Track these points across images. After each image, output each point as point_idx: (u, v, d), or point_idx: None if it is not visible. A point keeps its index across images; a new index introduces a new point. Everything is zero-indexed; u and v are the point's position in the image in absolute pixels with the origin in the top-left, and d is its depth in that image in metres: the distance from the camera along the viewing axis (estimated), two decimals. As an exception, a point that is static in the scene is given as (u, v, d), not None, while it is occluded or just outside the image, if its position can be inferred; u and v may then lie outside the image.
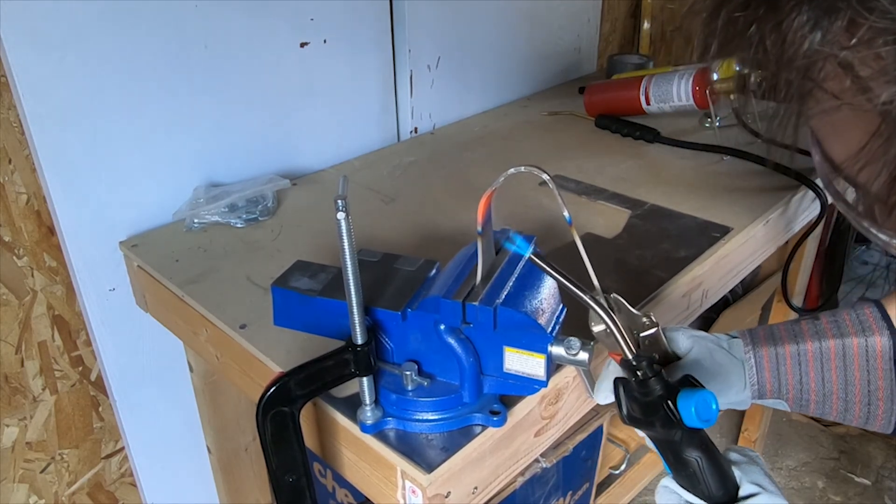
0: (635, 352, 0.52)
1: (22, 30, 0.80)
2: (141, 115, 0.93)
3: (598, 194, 1.01)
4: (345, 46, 1.13)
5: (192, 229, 0.96)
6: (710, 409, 0.50)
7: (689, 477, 0.54)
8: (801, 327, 0.62)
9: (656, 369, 0.52)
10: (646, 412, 0.53)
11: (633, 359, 0.52)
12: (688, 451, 0.53)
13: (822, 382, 0.60)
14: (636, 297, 0.78)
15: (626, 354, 0.52)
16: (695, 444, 0.53)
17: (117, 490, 1.15)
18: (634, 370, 0.52)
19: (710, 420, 0.50)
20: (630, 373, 0.53)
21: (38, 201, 0.93)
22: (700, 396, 0.50)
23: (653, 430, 0.54)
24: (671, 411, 0.51)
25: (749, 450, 0.58)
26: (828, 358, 0.60)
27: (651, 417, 0.53)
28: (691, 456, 0.53)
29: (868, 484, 1.71)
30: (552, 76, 1.55)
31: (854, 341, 0.59)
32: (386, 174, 1.13)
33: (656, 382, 0.52)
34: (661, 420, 0.52)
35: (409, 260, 0.70)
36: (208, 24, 0.95)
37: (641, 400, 0.53)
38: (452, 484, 0.60)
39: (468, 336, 0.60)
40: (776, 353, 0.61)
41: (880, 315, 0.59)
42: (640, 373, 0.52)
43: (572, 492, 1.11)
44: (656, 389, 0.52)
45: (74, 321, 1.01)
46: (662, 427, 0.52)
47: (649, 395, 0.52)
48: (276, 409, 0.59)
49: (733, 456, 0.57)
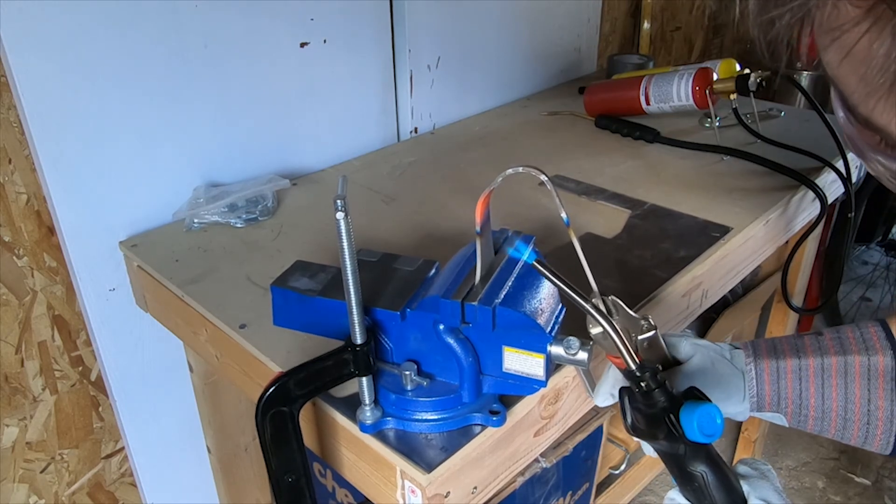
0: (639, 362, 0.51)
1: (22, 30, 0.80)
2: (141, 115, 0.93)
3: (598, 194, 1.01)
4: (345, 46, 1.13)
5: (192, 229, 0.96)
6: (714, 423, 0.49)
7: (695, 491, 0.53)
8: (804, 342, 0.61)
9: (660, 380, 0.51)
10: (650, 424, 0.52)
11: (637, 369, 0.51)
12: (693, 464, 0.52)
13: (822, 398, 0.59)
14: (636, 297, 0.78)
15: (629, 365, 0.51)
16: (700, 458, 0.52)
17: (117, 490, 1.16)
18: (638, 381, 0.51)
19: (713, 435, 0.49)
20: (633, 383, 0.52)
21: (38, 201, 0.93)
22: (704, 410, 0.49)
23: (657, 442, 0.53)
24: (673, 425, 0.50)
25: (761, 462, 0.57)
26: (829, 374, 0.59)
27: (655, 430, 0.52)
28: (696, 470, 0.52)
29: (868, 484, 1.71)
30: (552, 76, 1.55)
31: (857, 359, 0.58)
32: (386, 174, 1.13)
33: (660, 394, 0.51)
34: (665, 433, 0.51)
35: (409, 260, 0.70)
36: (208, 24, 0.95)
37: (646, 412, 0.52)
38: (452, 484, 0.60)
39: (467, 336, 0.60)
40: (777, 366, 0.61)
41: (885, 334, 0.59)
42: (643, 384, 0.51)
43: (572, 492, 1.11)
44: (660, 401, 0.51)
45: (74, 321, 1.01)
46: (666, 440, 0.51)
47: (652, 406, 0.51)
48: (276, 409, 0.59)
49: (742, 469, 0.56)
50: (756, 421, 1.67)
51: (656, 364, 0.59)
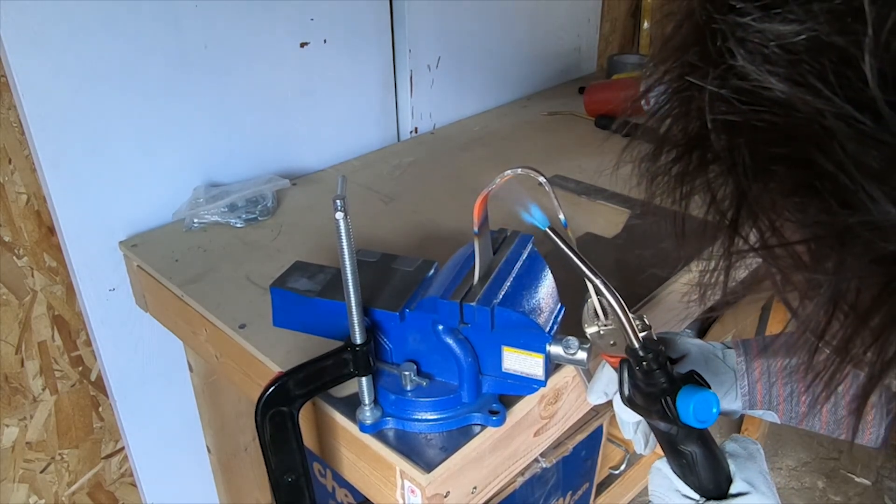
0: (642, 341, 0.51)
1: (22, 30, 0.80)
2: (141, 115, 0.93)
3: (598, 194, 1.01)
4: (345, 46, 1.13)
5: (191, 229, 0.96)
6: (710, 411, 0.49)
7: (682, 466, 0.53)
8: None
9: (661, 361, 0.51)
10: (646, 402, 0.52)
11: (640, 348, 0.51)
12: (684, 444, 0.52)
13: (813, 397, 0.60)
14: (635, 296, 0.78)
15: (632, 343, 0.51)
16: (692, 439, 0.52)
17: (117, 490, 1.16)
18: (640, 360, 0.51)
19: (706, 422, 0.49)
20: (635, 361, 0.52)
21: (38, 201, 0.93)
22: (701, 397, 0.49)
23: (651, 418, 0.53)
24: (668, 408, 0.50)
25: (751, 441, 0.57)
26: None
27: (650, 408, 0.52)
28: (687, 449, 0.52)
29: (868, 484, 1.71)
30: (552, 76, 1.55)
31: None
32: (386, 174, 1.13)
33: (661, 375, 0.51)
34: (660, 413, 0.51)
35: (408, 260, 0.70)
36: (208, 24, 0.95)
37: (644, 390, 0.52)
38: (451, 483, 0.60)
39: (466, 336, 0.60)
40: (768, 365, 0.61)
41: None
42: (644, 364, 0.51)
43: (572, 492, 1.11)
44: (660, 382, 0.51)
45: (74, 321, 1.01)
46: (661, 419, 0.52)
47: (652, 386, 0.51)
48: (276, 409, 0.59)
49: (731, 447, 0.56)
50: (756, 421, 1.67)
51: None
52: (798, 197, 0.26)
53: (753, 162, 0.27)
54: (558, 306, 0.65)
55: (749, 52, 0.25)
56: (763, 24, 0.25)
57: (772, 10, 0.25)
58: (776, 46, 0.24)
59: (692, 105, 0.29)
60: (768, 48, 0.25)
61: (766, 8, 0.25)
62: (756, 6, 0.25)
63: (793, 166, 0.26)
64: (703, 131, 0.28)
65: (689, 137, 0.30)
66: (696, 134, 0.29)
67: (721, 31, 0.26)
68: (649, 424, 0.56)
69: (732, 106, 0.26)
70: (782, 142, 0.26)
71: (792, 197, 0.26)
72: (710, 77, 0.27)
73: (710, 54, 0.27)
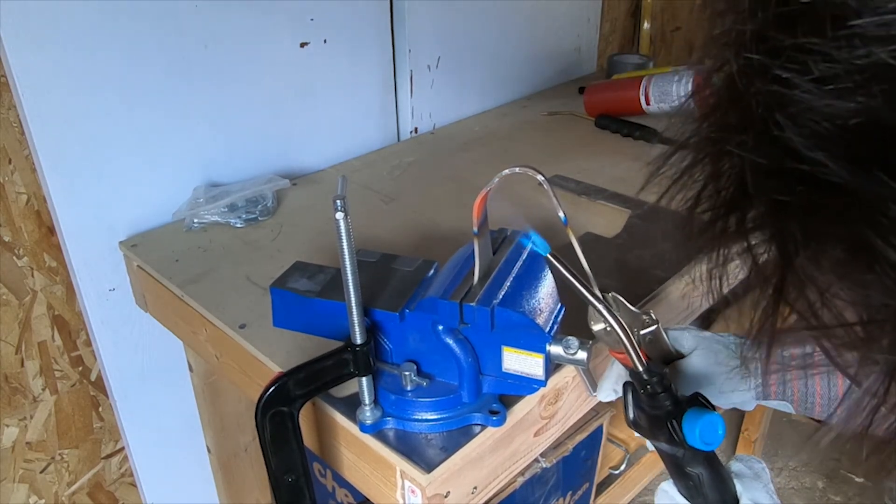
0: (646, 363, 0.51)
1: (22, 30, 0.80)
2: (141, 115, 0.93)
3: (598, 194, 1.01)
4: (345, 46, 1.13)
5: (191, 229, 0.96)
6: (716, 433, 0.49)
7: (689, 488, 0.54)
8: None
9: (666, 384, 0.51)
10: (652, 424, 0.52)
11: (644, 372, 0.51)
12: (690, 466, 0.52)
13: (829, 387, 0.59)
14: (636, 296, 0.77)
15: (636, 366, 0.52)
16: (699, 461, 0.52)
17: (117, 490, 1.16)
18: (644, 384, 0.51)
19: (713, 444, 0.49)
20: (640, 385, 0.52)
21: (38, 201, 0.93)
22: (707, 419, 0.49)
23: (657, 441, 0.54)
24: (675, 431, 0.50)
25: (756, 461, 0.57)
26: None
27: (656, 431, 0.52)
28: (693, 471, 0.52)
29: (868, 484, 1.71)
30: (552, 76, 1.55)
31: None
32: (386, 174, 1.13)
33: (665, 398, 0.51)
34: (666, 436, 0.51)
35: (407, 260, 0.70)
36: (208, 24, 0.95)
37: (649, 412, 0.52)
38: (452, 484, 0.60)
39: (466, 336, 0.60)
40: (782, 356, 0.61)
41: None
42: (649, 387, 0.51)
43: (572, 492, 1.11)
44: (665, 405, 0.51)
45: (74, 321, 1.01)
46: (667, 442, 0.52)
47: (657, 409, 0.52)
48: (276, 409, 0.59)
49: (737, 467, 0.56)
50: (756, 420, 1.67)
51: (659, 358, 0.59)
52: (854, 277, 0.25)
53: (805, 239, 0.25)
54: (558, 306, 0.65)
55: (799, 127, 0.23)
56: (814, 100, 0.22)
57: (824, 86, 0.22)
58: (830, 125, 0.22)
59: (724, 165, 0.27)
60: (820, 126, 0.22)
61: (818, 81, 0.22)
62: (807, 80, 0.22)
63: (849, 248, 0.24)
64: (740, 197, 0.27)
65: (725, 201, 0.28)
66: (731, 199, 0.27)
67: (765, 101, 0.24)
68: (655, 448, 0.56)
69: (782, 183, 0.24)
70: (837, 223, 0.24)
71: (846, 278, 0.25)
72: (751, 145, 0.25)
73: (752, 120, 0.24)
